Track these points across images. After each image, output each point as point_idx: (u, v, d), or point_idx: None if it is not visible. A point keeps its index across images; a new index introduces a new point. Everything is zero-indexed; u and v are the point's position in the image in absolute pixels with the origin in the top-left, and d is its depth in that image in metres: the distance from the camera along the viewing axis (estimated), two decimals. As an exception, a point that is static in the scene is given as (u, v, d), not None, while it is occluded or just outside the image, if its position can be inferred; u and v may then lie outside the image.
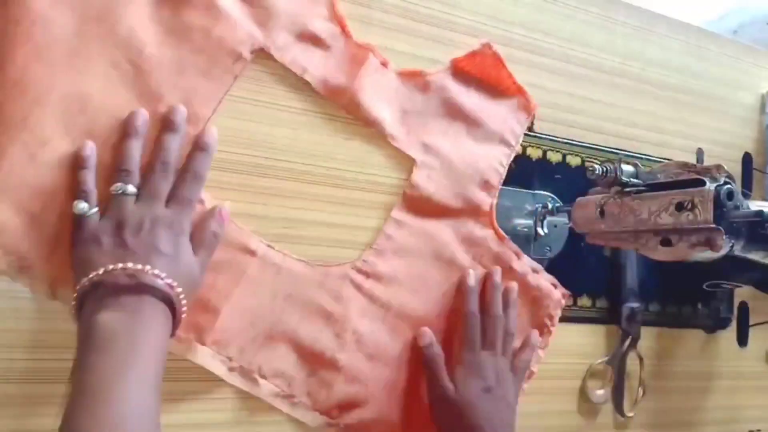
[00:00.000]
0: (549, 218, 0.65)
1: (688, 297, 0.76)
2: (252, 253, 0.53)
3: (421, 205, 0.59)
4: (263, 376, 0.53)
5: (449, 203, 0.60)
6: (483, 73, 0.62)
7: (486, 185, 0.62)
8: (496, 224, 0.62)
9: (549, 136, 0.68)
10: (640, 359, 0.71)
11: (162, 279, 0.42)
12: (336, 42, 0.56)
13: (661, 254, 0.54)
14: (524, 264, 0.63)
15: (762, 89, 0.82)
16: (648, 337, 0.72)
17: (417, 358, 0.58)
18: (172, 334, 0.44)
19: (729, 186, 0.50)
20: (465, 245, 0.61)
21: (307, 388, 0.54)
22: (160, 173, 0.46)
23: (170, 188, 0.47)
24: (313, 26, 0.55)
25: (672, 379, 0.74)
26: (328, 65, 0.55)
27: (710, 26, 0.82)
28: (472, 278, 0.60)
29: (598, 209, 0.57)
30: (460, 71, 0.61)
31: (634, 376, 0.71)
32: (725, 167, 0.51)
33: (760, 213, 0.49)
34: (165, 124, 0.48)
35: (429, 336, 0.57)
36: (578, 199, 0.61)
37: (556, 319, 0.65)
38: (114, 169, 0.46)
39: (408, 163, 0.59)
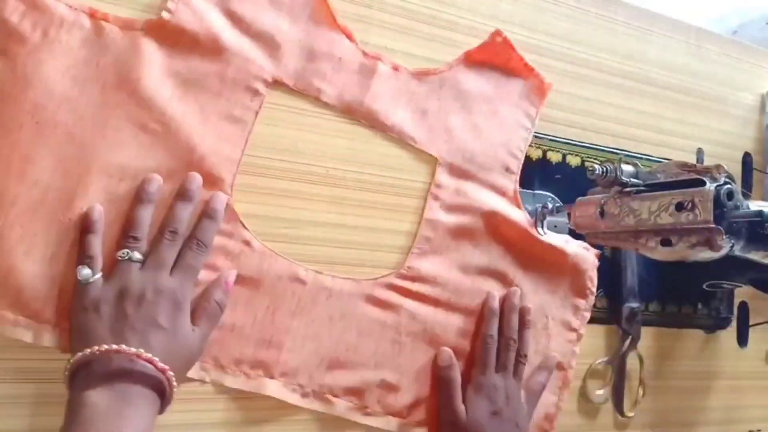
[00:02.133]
0: (549, 218, 0.65)
1: (688, 297, 0.76)
2: (302, 281, 0.54)
3: (450, 202, 0.60)
4: (335, 395, 0.55)
5: (476, 194, 0.61)
6: (494, 59, 0.63)
7: (507, 171, 0.63)
8: (522, 206, 0.63)
9: (549, 136, 0.68)
10: (640, 359, 0.71)
11: (155, 364, 0.42)
12: (344, 53, 0.56)
13: (661, 254, 0.54)
14: (558, 237, 0.65)
15: (762, 89, 0.82)
16: (648, 337, 0.72)
17: (471, 345, 0.61)
18: (161, 412, 0.45)
19: (729, 186, 0.50)
20: (502, 228, 0.62)
21: (377, 397, 0.57)
22: (168, 242, 0.47)
23: (176, 256, 0.47)
24: (319, 44, 0.55)
25: (672, 379, 0.74)
26: (341, 80, 0.56)
27: (710, 26, 0.81)
28: (495, 301, 0.61)
29: (598, 209, 0.57)
30: (472, 62, 0.62)
31: (634, 376, 0.71)
32: (725, 167, 0.51)
33: (760, 213, 0.49)
34: (179, 193, 0.49)
35: (448, 357, 0.59)
36: (578, 199, 0.61)
37: (595, 279, 0.67)
38: (124, 234, 0.47)
39: (431, 163, 0.60)
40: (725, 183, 0.50)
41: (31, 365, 0.47)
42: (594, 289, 0.67)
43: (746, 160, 0.78)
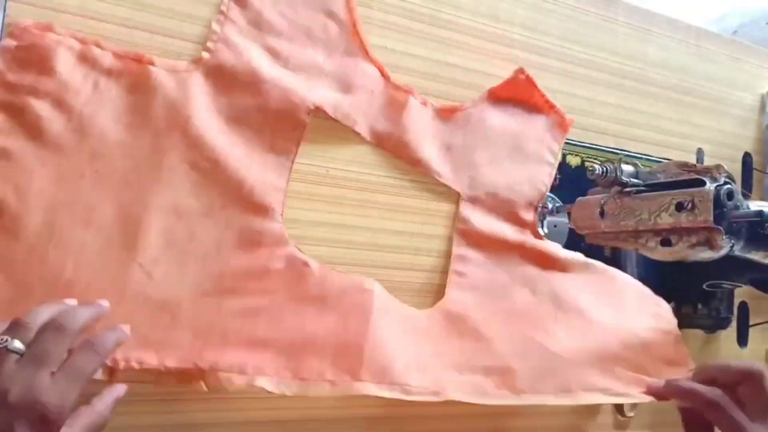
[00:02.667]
0: (549, 218, 0.65)
1: (688, 297, 0.76)
2: (369, 292, 0.54)
3: (476, 237, 0.61)
4: (444, 389, 0.52)
5: (501, 229, 0.62)
6: (517, 96, 0.64)
7: (530, 206, 0.63)
8: (539, 231, 0.64)
9: (549, 136, 0.68)
10: (640, 359, 0.71)
11: None
12: (377, 85, 0.57)
13: (661, 254, 0.54)
14: (570, 253, 0.65)
15: (762, 89, 0.82)
16: (648, 337, 0.72)
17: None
18: None
19: (729, 186, 0.50)
20: (526, 258, 0.62)
21: (486, 381, 0.54)
22: (54, 334, 0.39)
23: (63, 355, 0.39)
24: (354, 76, 0.56)
25: (672, 379, 0.74)
26: (373, 112, 0.57)
27: (710, 26, 0.82)
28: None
29: (598, 209, 0.57)
30: (496, 99, 0.63)
31: (634, 376, 0.71)
32: (725, 167, 0.51)
33: (760, 213, 0.49)
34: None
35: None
36: (578, 199, 0.61)
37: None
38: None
39: (455, 197, 0.61)
40: (725, 183, 0.50)
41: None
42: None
43: (746, 160, 0.78)
